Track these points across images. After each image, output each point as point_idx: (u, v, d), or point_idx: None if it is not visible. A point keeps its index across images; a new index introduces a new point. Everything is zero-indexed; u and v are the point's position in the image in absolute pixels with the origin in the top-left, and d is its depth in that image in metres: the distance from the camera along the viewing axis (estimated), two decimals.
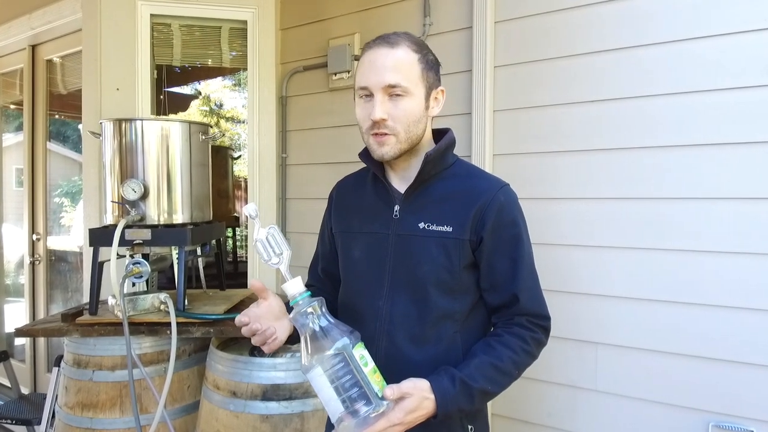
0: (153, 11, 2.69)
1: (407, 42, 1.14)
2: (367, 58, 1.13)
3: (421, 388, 1.02)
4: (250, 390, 1.84)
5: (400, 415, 0.99)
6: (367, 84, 1.12)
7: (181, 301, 2.10)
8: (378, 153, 1.14)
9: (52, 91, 3.64)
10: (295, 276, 1.03)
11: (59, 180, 3.77)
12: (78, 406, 2.03)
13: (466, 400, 1.06)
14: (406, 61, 1.12)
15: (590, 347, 1.89)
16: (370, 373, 0.98)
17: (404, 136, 1.13)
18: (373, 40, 1.15)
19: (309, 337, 0.98)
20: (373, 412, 0.96)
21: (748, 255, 1.63)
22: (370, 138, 1.14)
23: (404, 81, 1.10)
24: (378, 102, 1.10)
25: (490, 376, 1.09)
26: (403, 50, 1.12)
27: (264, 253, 1.06)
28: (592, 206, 1.89)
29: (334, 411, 0.97)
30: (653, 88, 1.77)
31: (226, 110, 5.94)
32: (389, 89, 1.10)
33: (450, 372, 1.07)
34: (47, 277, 3.67)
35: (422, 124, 1.16)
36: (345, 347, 0.97)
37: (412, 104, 1.12)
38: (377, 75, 1.10)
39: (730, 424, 1.65)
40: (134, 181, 2.08)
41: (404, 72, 1.11)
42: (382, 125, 1.11)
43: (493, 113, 2.10)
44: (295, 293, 1.01)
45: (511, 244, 1.17)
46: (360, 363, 0.98)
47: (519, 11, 2.04)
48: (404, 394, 1.00)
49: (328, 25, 2.62)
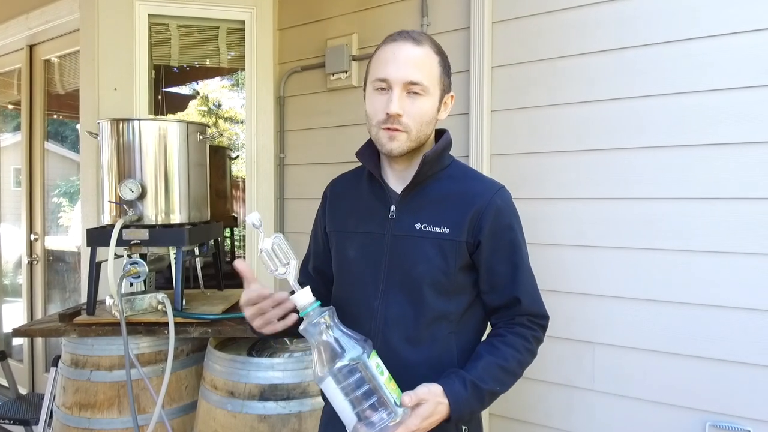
0: (151, 11, 2.69)
1: (430, 42, 1.14)
2: (390, 51, 1.12)
3: (435, 393, 1.01)
4: (247, 390, 1.84)
5: (417, 421, 0.98)
6: (388, 76, 1.10)
7: (179, 301, 2.10)
8: (387, 147, 1.13)
9: (49, 91, 3.64)
10: (303, 287, 1.01)
11: (57, 180, 3.77)
12: (76, 406, 2.03)
13: (477, 402, 1.06)
14: (429, 60, 1.12)
15: (587, 347, 1.89)
16: (386, 381, 0.97)
17: (415, 135, 1.12)
18: (396, 33, 1.14)
19: (322, 348, 0.97)
20: (391, 422, 0.95)
21: (742, 255, 1.63)
22: (380, 131, 1.13)
23: (426, 80, 1.10)
24: (396, 96, 1.09)
25: (498, 376, 1.10)
26: (426, 49, 1.12)
27: (270, 263, 1.03)
28: (588, 206, 1.89)
29: (349, 421, 0.96)
30: (647, 89, 1.78)
31: (224, 110, 5.94)
32: (409, 86, 1.09)
33: (460, 375, 1.07)
34: (45, 277, 3.66)
35: (432, 126, 1.17)
36: (360, 357, 0.95)
37: (428, 104, 1.12)
38: (400, 69, 1.09)
39: (728, 424, 1.65)
40: (132, 181, 2.08)
41: (426, 71, 1.11)
42: (396, 120, 1.10)
43: (490, 113, 2.10)
44: (306, 304, 0.99)
45: (510, 248, 1.17)
46: (376, 372, 0.96)
47: (516, 12, 2.04)
48: (420, 400, 0.99)
49: (325, 25, 2.63)
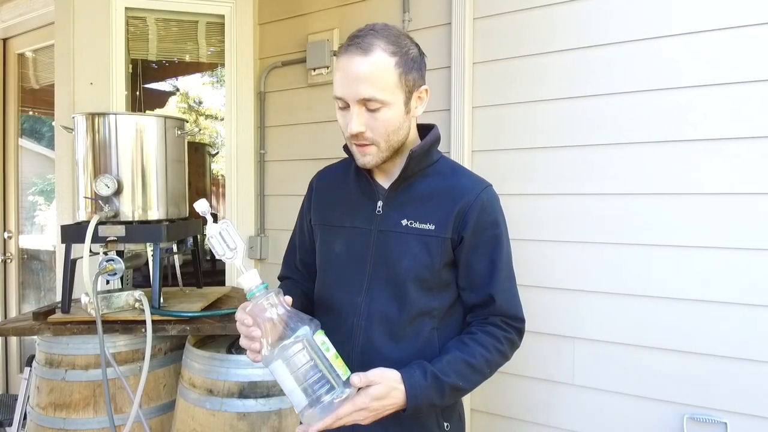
0: (128, 4, 2.65)
1: (383, 43, 1.05)
2: (341, 65, 1.06)
3: (389, 378, 1.01)
4: (227, 388, 1.82)
5: (366, 399, 0.97)
6: (342, 95, 1.07)
7: (157, 298, 2.07)
8: (361, 161, 1.13)
9: (23, 86, 3.56)
10: (249, 269, 1.02)
11: (33, 178, 3.69)
12: (50, 406, 1.99)
13: (437, 394, 1.05)
14: (380, 69, 1.04)
15: (567, 342, 1.90)
16: (332, 358, 0.97)
17: (385, 146, 1.11)
18: (346, 41, 1.08)
19: (268, 327, 0.98)
20: (337, 398, 0.95)
21: (720, 249, 1.65)
22: (353, 146, 1.12)
23: (379, 93, 1.04)
24: (354, 114, 1.06)
25: (462, 372, 1.09)
26: (377, 56, 1.04)
27: (218, 247, 1.04)
28: (569, 202, 1.90)
29: (298, 401, 0.96)
30: (628, 85, 1.79)
31: (205, 108, 5.88)
32: (364, 102, 1.05)
33: (422, 365, 1.06)
34: (19, 276, 3.59)
35: (404, 130, 1.13)
36: (305, 334, 0.96)
37: (389, 114, 1.07)
38: (350, 87, 1.05)
39: (704, 416, 1.67)
40: (108, 176, 2.04)
41: (379, 82, 1.04)
42: (361, 137, 1.08)
43: (472, 110, 2.10)
44: (251, 286, 1.00)
45: (491, 245, 1.16)
46: (322, 348, 0.97)
47: (498, 8, 2.04)
48: (371, 381, 0.98)
49: (306, 20, 2.60)
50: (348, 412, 0.96)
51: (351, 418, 0.97)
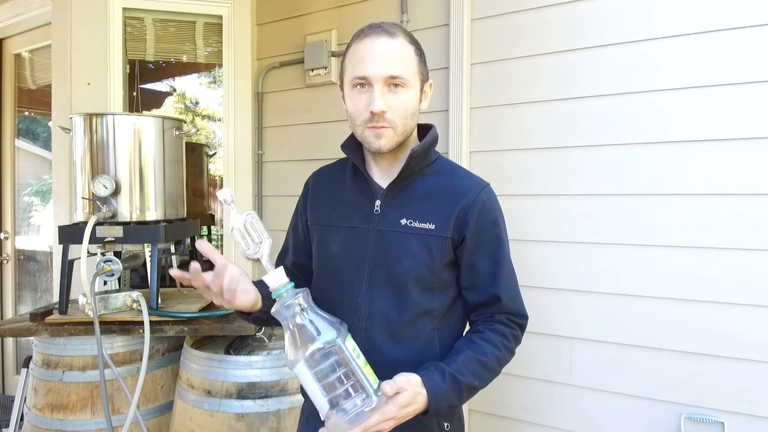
0: (125, 4, 2.64)
1: (403, 32, 1.11)
2: (364, 46, 1.08)
3: (413, 383, 1.00)
4: (225, 388, 1.82)
5: (394, 409, 0.96)
6: (366, 74, 1.07)
7: (154, 299, 2.06)
8: (375, 145, 1.11)
9: (20, 86, 3.55)
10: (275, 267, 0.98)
11: (29, 179, 3.68)
12: (48, 407, 1.98)
13: (455, 395, 1.05)
14: (405, 50, 1.09)
15: (565, 342, 1.91)
16: (363, 364, 0.95)
17: (401, 129, 1.11)
18: (367, 27, 1.10)
19: (296, 331, 0.93)
20: (366, 407, 0.92)
21: (717, 250, 1.66)
22: (366, 130, 1.10)
23: (406, 72, 1.08)
24: (378, 93, 1.06)
25: (477, 371, 1.09)
26: (401, 40, 1.09)
27: (242, 242, 0.99)
28: (566, 202, 1.91)
29: (322, 407, 0.93)
30: (625, 86, 1.80)
31: (202, 108, 5.87)
32: (390, 80, 1.07)
33: (439, 367, 1.06)
34: (16, 277, 3.57)
35: (416, 118, 1.15)
36: (335, 340, 0.92)
37: (410, 96, 1.10)
38: (378, 65, 1.06)
39: (702, 416, 1.68)
40: (105, 177, 2.03)
41: (405, 62, 1.08)
42: (381, 118, 1.08)
43: (470, 110, 2.11)
44: (279, 285, 0.96)
45: (493, 245, 1.16)
46: (353, 355, 0.94)
47: (495, 9, 2.05)
48: (399, 389, 0.97)
49: (304, 20, 2.60)
50: (376, 422, 0.95)
51: (377, 428, 0.96)
